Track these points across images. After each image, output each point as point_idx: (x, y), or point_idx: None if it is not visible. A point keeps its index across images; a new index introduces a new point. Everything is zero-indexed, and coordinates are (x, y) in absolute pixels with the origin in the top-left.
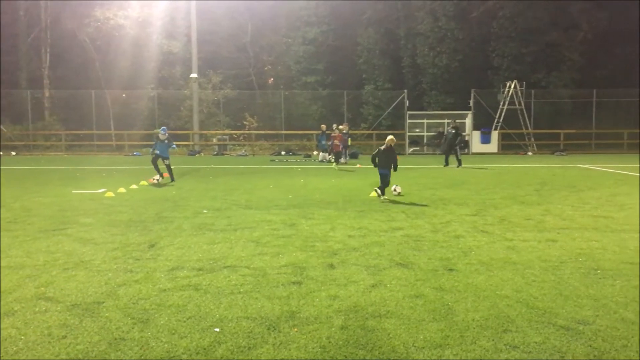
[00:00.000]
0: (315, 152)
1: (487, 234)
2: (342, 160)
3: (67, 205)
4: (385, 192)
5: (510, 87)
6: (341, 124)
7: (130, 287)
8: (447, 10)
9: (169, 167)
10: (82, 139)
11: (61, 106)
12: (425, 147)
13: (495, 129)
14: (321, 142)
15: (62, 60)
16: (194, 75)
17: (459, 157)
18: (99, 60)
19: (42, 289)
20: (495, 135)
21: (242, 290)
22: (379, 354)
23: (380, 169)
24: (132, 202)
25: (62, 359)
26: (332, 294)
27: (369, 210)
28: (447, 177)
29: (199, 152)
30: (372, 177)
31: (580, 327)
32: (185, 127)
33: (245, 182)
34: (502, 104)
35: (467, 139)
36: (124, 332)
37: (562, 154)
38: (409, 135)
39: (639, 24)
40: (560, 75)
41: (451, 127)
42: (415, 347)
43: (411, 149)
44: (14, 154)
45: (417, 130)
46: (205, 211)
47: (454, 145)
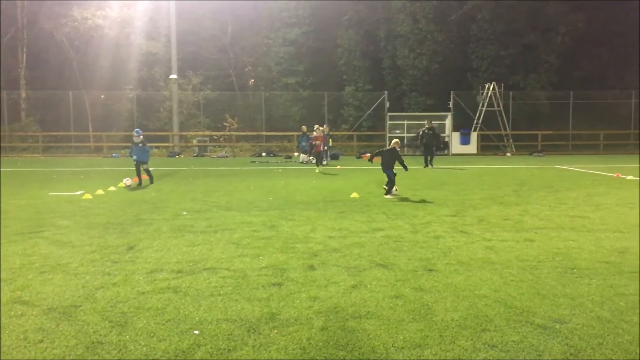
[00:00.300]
0: (296, 154)
1: (466, 234)
2: (324, 162)
3: (43, 207)
4: (387, 191)
5: (489, 88)
6: (321, 125)
7: (108, 290)
8: (427, 12)
9: (147, 171)
10: (60, 140)
11: (38, 107)
12: (405, 148)
13: (474, 130)
14: (302, 144)
15: (39, 60)
16: (173, 76)
17: (432, 158)
18: (77, 60)
19: (18, 292)
20: (474, 136)
21: (222, 292)
22: (359, 354)
23: (383, 169)
24: (110, 204)
25: None
26: (313, 295)
27: (349, 211)
28: (427, 178)
29: (179, 154)
30: (352, 178)
31: (557, 326)
32: (164, 128)
33: (225, 184)
34: (481, 105)
35: (446, 140)
36: (101, 335)
37: (539, 154)
38: (389, 136)
39: (614, 27)
40: (537, 77)
41: (427, 128)
42: (395, 347)
43: None
44: None
45: (398, 131)
46: (185, 213)
47: (433, 145)
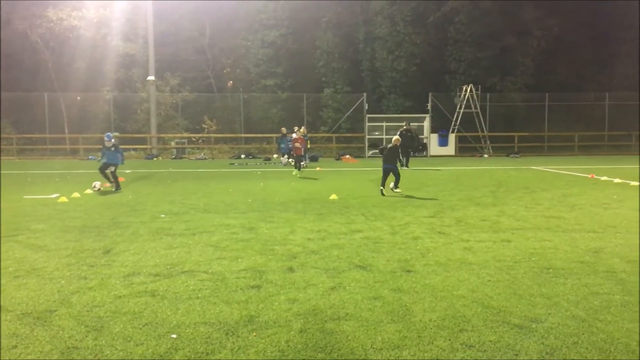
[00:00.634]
0: (275, 155)
1: (444, 235)
2: (302, 163)
3: (18, 211)
4: (381, 189)
5: (466, 90)
6: (300, 127)
7: (84, 294)
8: (405, 15)
9: (113, 175)
10: (35, 142)
11: (12, 109)
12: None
13: (452, 132)
14: (281, 146)
15: (14, 61)
16: (151, 77)
17: (407, 159)
18: (52, 61)
19: None
20: (452, 138)
21: (200, 295)
22: (338, 356)
23: (384, 164)
24: (86, 207)
25: None
26: (291, 298)
27: (328, 213)
28: (405, 179)
29: (157, 156)
30: (332, 180)
31: (533, 325)
32: (142, 130)
33: (204, 186)
34: (458, 107)
35: (425, 141)
36: (77, 340)
37: (516, 156)
38: (368, 138)
39: (587, 32)
40: (514, 79)
41: (404, 129)
42: (373, 348)
43: (371, 152)
44: None
45: (377, 133)
46: (162, 216)
47: (410, 147)
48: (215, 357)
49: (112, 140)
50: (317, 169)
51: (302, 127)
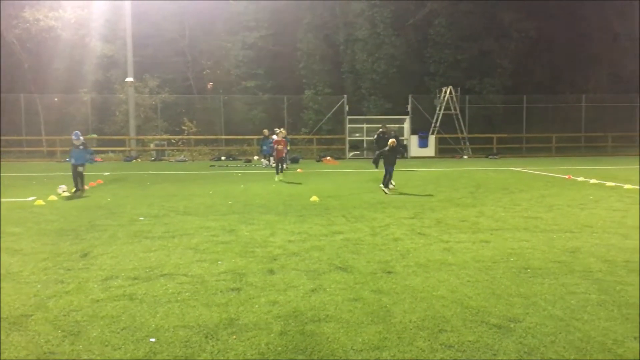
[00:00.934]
0: (256, 157)
1: (424, 236)
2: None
3: None
4: (381, 187)
5: (445, 92)
6: (280, 128)
7: (60, 298)
8: (385, 17)
9: (80, 175)
10: (11, 145)
11: None
12: (365, 152)
13: (432, 134)
14: (263, 148)
15: None
16: (129, 79)
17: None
18: (29, 63)
19: None
20: (432, 139)
21: (179, 298)
22: (318, 358)
23: (386, 165)
24: (63, 210)
25: None
26: (272, 300)
27: (309, 214)
28: None
29: (136, 158)
30: (312, 182)
31: (511, 325)
32: (121, 132)
33: (183, 188)
34: (438, 109)
35: (405, 143)
36: (53, 345)
37: (495, 157)
38: (349, 139)
39: (563, 34)
40: (492, 81)
41: (381, 131)
42: (353, 349)
43: (351, 153)
44: None
45: (357, 134)
46: (141, 218)
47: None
48: None
49: (81, 138)
50: (298, 170)
51: (282, 129)
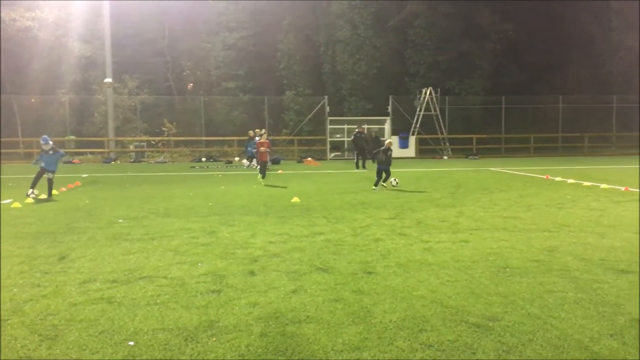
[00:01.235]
0: (237, 158)
1: (404, 236)
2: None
3: None
4: (381, 183)
5: (426, 93)
6: (261, 129)
7: (37, 302)
8: (365, 18)
9: (50, 182)
10: None
11: None
12: (346, 152)
13: (412, 134)
14: (248, 149)
15: None
16: (108, 79)
17: (364, 161)
18: (5, 63)
19: None
20: (412, 140)
21: (158, 301)
22: (298, 359)
23: (379, 165)
24: (40, 213)
25: None
26: (252, 301)
27: (290, 215)
28: (367, 181)
29: (115, 160)
30: (293, 183)
31: (490, 324)
32: (99, 133)
33: (163, 190)
34: (418, 109)
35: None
36: (30, 350)
37: (474, 157)
38: (330, 140)
39: (540, 35)
40: (471, 82)
41: (357, 132)
42: (334, 350)
43: (332, 154)
44: None
45: (338, 135)
46: (120, 220)
47: (364, 148)
48: None
49: (50, 142)
50: (279, 171)
51: (263, 130)
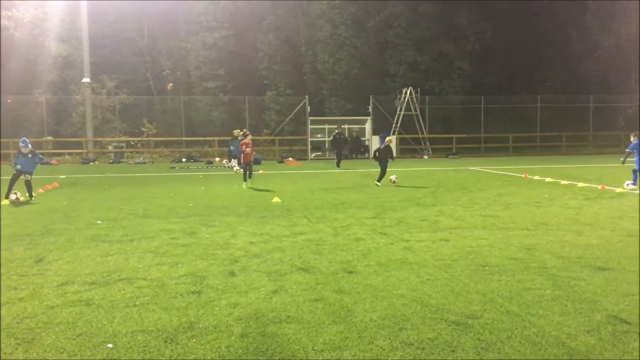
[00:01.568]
0: (217, 159)
1: (385, 235)
2: (237, 168)
3: None
4: (382, 180)
5: (406, 93)
6: (242, 129)
7: (14, 305)
8: (345, 18)
9: (28, 183)
10: None
11: None
12: (327, 152)
13: (393, 134)
14: (230, 148)
15: None
16: (86, 79)
17: (339, 160)
18: None
19: None
20: (393, 139)
21: (137, 302)
22: (279, 359)
23: (380, 162)
24: (17, 215)
25: None
26: (233, 302)
27: (271, 216)
28: (348, 181)
29: (94, 160)
30: (274, 183)
31: (469, 322)
32: (78, 134)
33: (143, 191)
34: (399, 109)
35: (366, 143)
36: (6, 353)
37: (454, 157)
38: (311, 140)
39: (518, 36)
40: (451, 82)
41: (336, 132)
42: (314, 350)
43: (313, 154)
44: None
45: (319, 135)
46: (99, 222)
47: (342, 148)
48: None
49: (29, 146)
50: (260, 172)
51: (245, 130)
